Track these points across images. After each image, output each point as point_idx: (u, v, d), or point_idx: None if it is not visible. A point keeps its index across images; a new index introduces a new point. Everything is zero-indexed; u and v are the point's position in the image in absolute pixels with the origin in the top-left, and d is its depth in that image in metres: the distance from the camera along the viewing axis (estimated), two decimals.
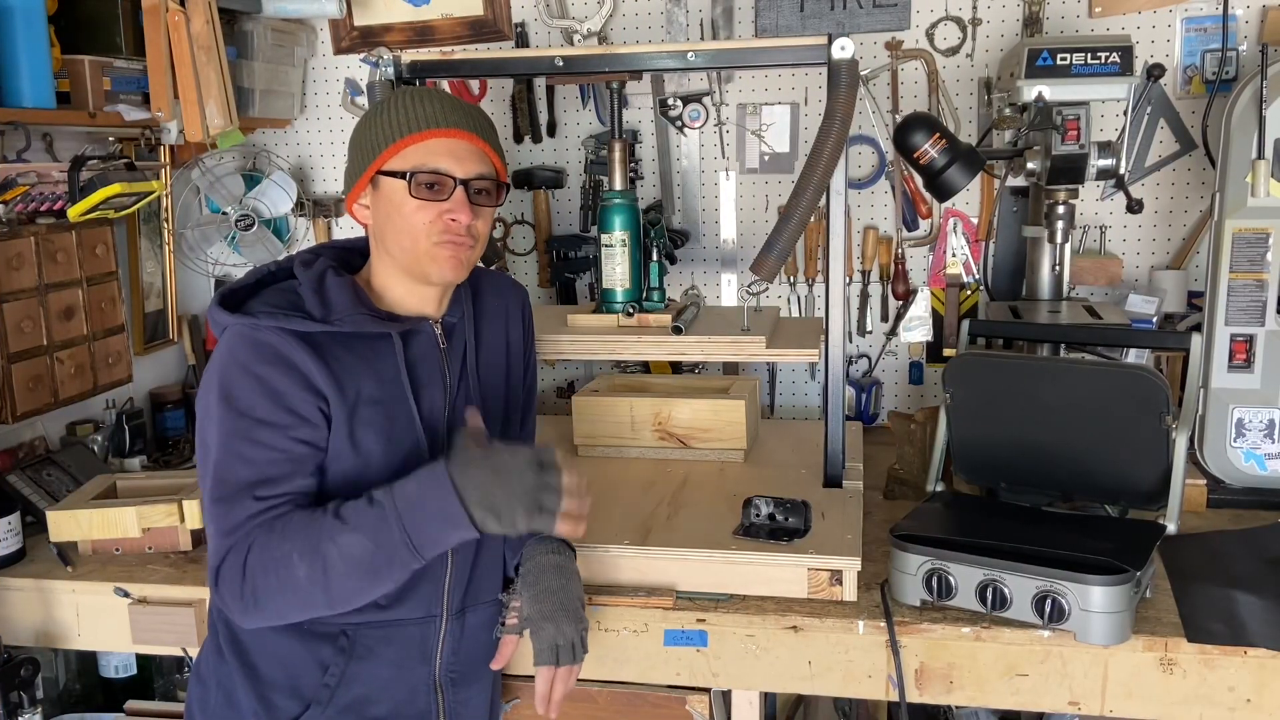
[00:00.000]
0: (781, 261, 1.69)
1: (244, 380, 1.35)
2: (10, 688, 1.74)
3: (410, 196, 1.39)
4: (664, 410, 2.12)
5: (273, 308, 1.39)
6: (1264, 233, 1.92)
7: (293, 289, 1.44)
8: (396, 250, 1.43)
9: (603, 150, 2.59)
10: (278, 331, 1.37)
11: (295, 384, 1.35)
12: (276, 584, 1.31)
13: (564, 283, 2.67)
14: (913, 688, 1.60)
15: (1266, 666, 1.50)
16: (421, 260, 1.41)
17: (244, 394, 1.35)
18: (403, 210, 1.40)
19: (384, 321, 1.43)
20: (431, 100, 1.42)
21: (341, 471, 1.39)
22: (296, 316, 1.38)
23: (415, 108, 1.41)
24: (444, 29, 2.63)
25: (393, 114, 1.42)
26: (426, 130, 1.39)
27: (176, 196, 2.60)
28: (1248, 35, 2.30)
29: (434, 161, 1.39)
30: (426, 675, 1.49)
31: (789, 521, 1.71)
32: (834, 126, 1.67)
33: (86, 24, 2.20)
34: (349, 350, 1.40)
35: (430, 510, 1.28)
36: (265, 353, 1.36)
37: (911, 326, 2.51)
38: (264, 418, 1.34)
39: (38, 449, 2.24)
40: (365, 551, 1.29)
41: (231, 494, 1.34)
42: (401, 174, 1.39)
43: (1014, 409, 1.76)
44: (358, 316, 1.40)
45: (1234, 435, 1.98)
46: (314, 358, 1.36)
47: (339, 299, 1.41)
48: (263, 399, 1.35)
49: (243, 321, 1.37)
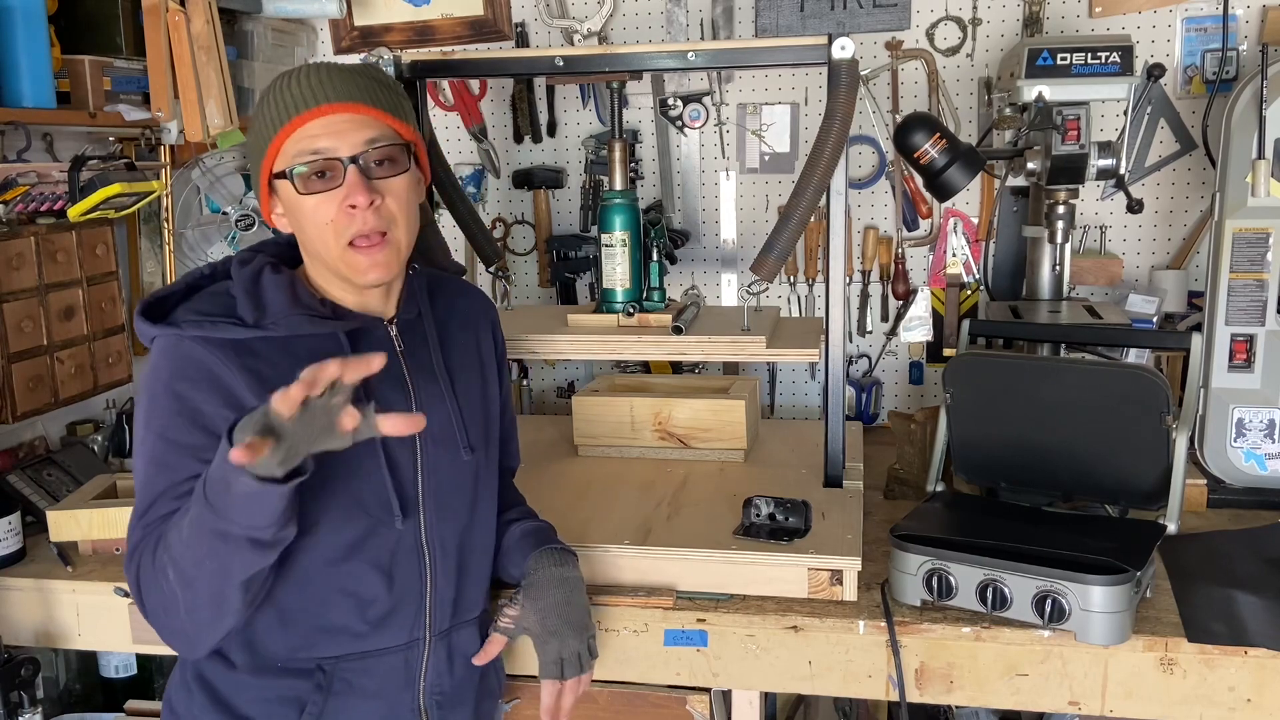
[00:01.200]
0: (781, 261, 1.69)
1: (163, 399, 1.26)
2: (10, 688, 1.73)
3: (300, 194, 1.26)
4: (664, 410, 2.12)
5: (199, 315, 1.27)
6: (1264, 233, 1.92)
7: (226, 291, 1.32)
8: (316, 255, 1.32)
9: (603, 150, 2.59)
10: (202, 342, 1.26)
11: (218, 402, 1.24)
12: (159, 596, 1.24)
13: (564, 283, 2.67)
14: (913, 688, 1.60)
15: (1267, 666, 1.49)
16: (340, 268, 1.30)
17: (160, 413, 1.25)
18: (303, 210, 1.27)
19: (325, 321, 1.31)
20: (302, 80, 1.27)
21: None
22: (225, 323, 1.26)
23: (285, 94, 1.26)
24: (444, 29, 2.63)
25: (264, 110, 1.28)
26: (294, 117, 1.24)
27: (176, 196, 2.59)
28: (1248, 35, 2.30)
29: (312, 146, 1.24)
30: (410, 701, 1.41)
31: (789, 521, 1.71)
32: (834, 126, 1.67)
33: (86, 24, 2.20)
34: (289, 355, 1.27)
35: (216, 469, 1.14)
36: (186, 368, 1.25)
37: (911, 326, 2.51)
38: (176, 439, 1.24)
39: (38, 449, 2.24)
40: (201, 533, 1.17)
41: (137, 518, 1.27)
42: (284, 172, 1.27)
43: (1014, 409, 1.76)
44: (295, 318, 1.28)
45: (1234, 435, 1.97)
46: (242, 370, 1.25)
47: (274, 299, 1.29)
48: (178, 418, 1.24)
49: (165, 333, 1.27)
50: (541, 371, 2.74)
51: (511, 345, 1.93)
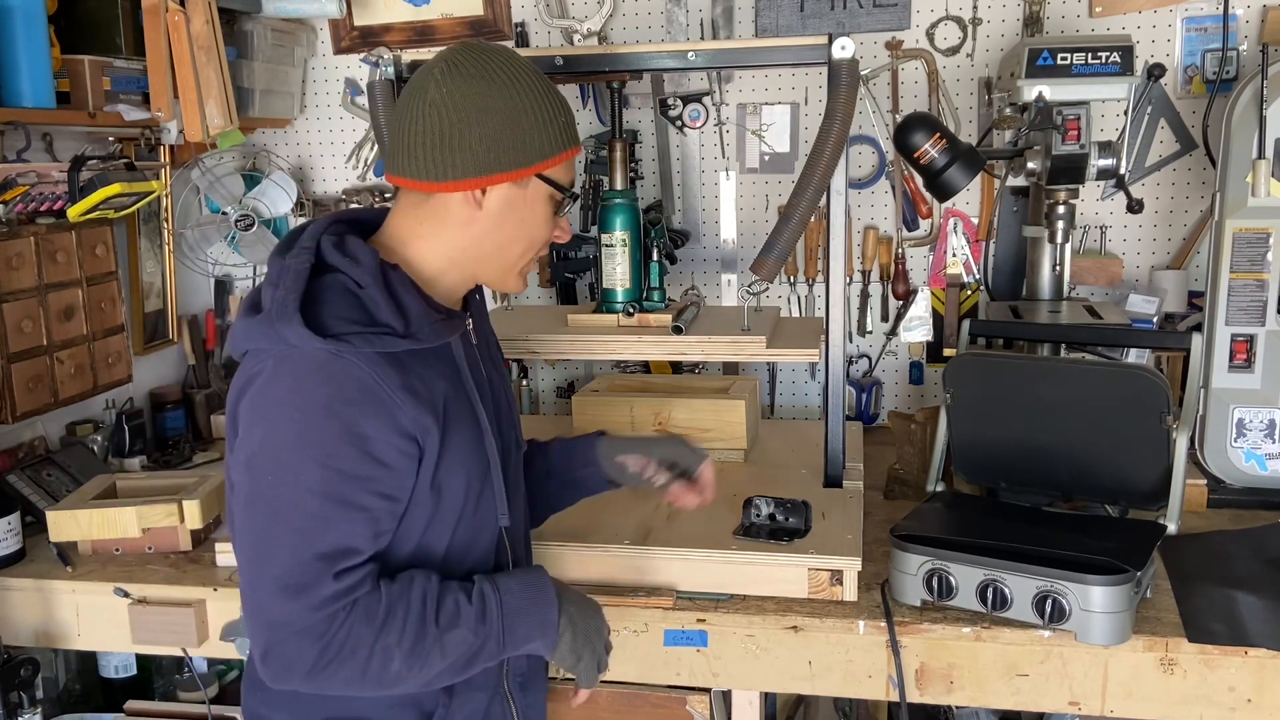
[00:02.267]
0: (782, 261, 1.69)
1: (323, 421, 1.12)
2: (10, 688, 1.73)
3: (550, 207, 1.28)
4: (664, 410, 2.12)
5: (354, 325, 1.14)
6: (1264, 233, 1.92)
7: (351, 291, 1.18)
8: (495, 253, 1.27)
9: (603, 150, 2.58)
10: (361, 357, 1.13)
11: (386, 428, 1.14)
12: (361, 675, 1.16)
13: (564, 283, 2.67)
14: (913, 688, 1.60)
15: (1267, 666, 1.49)
16: (507, 272, 1.30)
17: (321, 439, 1.12)
18: (534, 219, 1.27)
19: (455, 324, 1.26)
20: (565, 104, 1.29)
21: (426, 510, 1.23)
22: (384, 333, 1.14)
23: (566, 113, 1.27)
24: (444, 29, 2.63)
25: (554, 113, 1.25)
26: (578, 144, 1.30)
27: (176, 196, 2.60)
28: (1248, 35, 2.30)
29: (575, 178, 1.33)
30: (500, 687, 1.40)
31: (789, 521, 1.71)
32: (834, 126, 1.67)
33: (86, 24, 2.20)
34: (422, 364, 1.20)
35: (529, 614, 1.26)
36: (347, 389, 1.12)
37: (911, 326, 2.51)
38: (346, 469, 1.12)
39: (38, 449, 2.24)
40: (468, 647, 1.21)
41: (306, 565, 1.12)
42: (562, 186, 1.27)
43: (1014, 409, 1.76)
44: (434, 325, 1.20)
45: (1234, 435, 1.97)
46: (402, 389, 1.15)
47: (412, 304, 1.19)
48: (346, 447, 1.12)
49: (326, 347, 1.12)
50: (541, 371, 2.74)
51: (511, 345, 1.94)
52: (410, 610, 1.18)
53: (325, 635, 1.14)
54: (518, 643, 1.27)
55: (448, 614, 1.20)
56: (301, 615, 1.13)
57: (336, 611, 1.14)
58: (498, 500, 1.34)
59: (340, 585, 1.14)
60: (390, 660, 1.16)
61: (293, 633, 1.13)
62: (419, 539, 1.25)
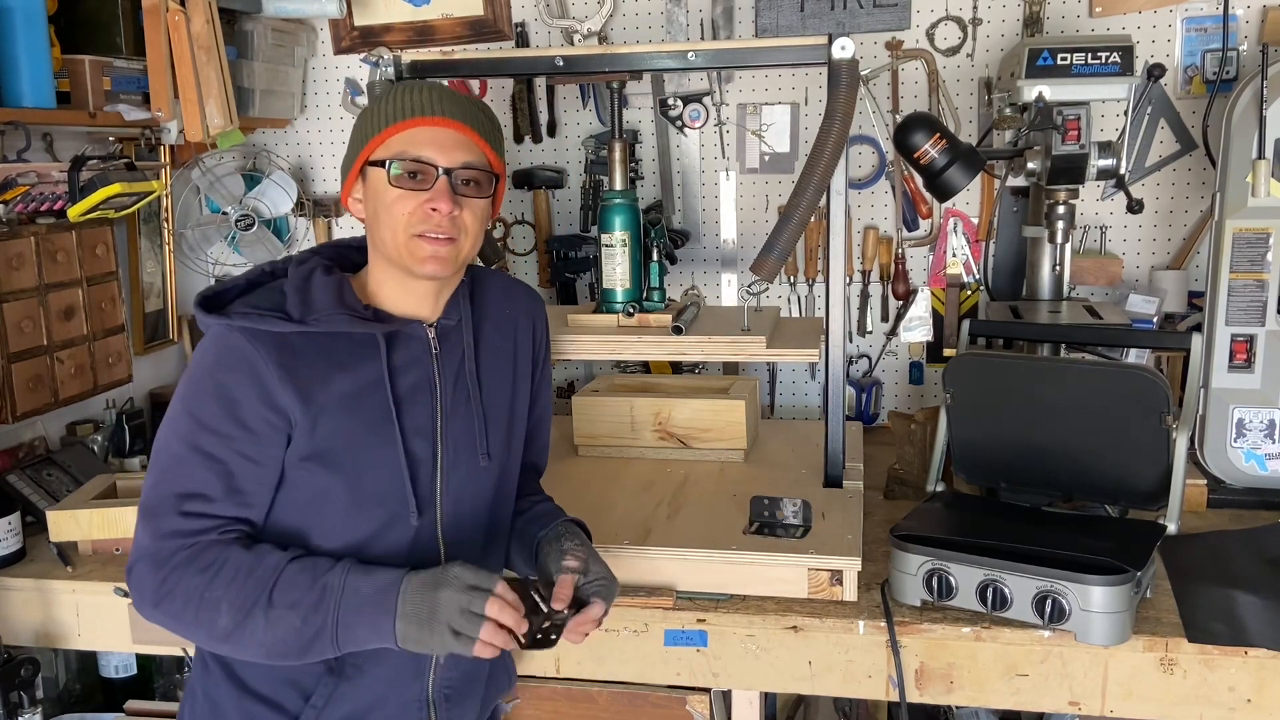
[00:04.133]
0: (782, 262, 1.69)
1: (204, 382, 1.33)
2: (10, 688, 1.74)
3: (390, 185, 1.34)
4: (664, 410, 2.12)
5: (251, 308, 1.34)
6: (1264, 233, 1.92)
7: (280, 288, 1.39)
8: (381, 243, 1.38)
9: (603, 150, 2.59)
10: (248, 334, 1.32)
11: (254, 395, 1.31)
12: (194, 619, 1.28)
13: (564, 283, 2.67)
14: (913, 688, 1.60)
15: (1266, 666, 1.50)
16: (402, 253, 1.36)
17: (198, 396, 1.32)
18: (385, 200, 1.35)
19: (365, 322, 1.37)
20: (424, 91, 1.38)
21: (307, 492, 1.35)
22: (272, 317, 1.33)
23: (405, 98, 1.37)
24: (444, 29, 2.63)
25: (384, 104, 1.38)
26: (411, 119, 1.35)
27: (176, 196, 2.60)
28: (1248, 35, 2.30)
29: (416, 150, 1.34)
30: (419, 692, 1.43)
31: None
32: (834, 126, 1.67)
33: (86, 24, 2.20)
34: (326, 355, 1.35)
35: (368, 619, 1.26)
36: (229, 357, 1.32)
37: (912, 326, 2.51)
38: (209, 423, 1.31)
39: (38, 449, 2.24)
40: (292, 631, 1.27)
41: (161, 499, 1.31)
42: (383, 163, 1.35)
43: (1014, 409, 1.76)
44: (337, 316, 1.34)
45: (1234, 435, 1.97)
46: (278, 366, 1.31)
47: (322, 297, 1.36)
48: (215, 404, 1.31)
49: (217, 322, 1.34)
50: None
51: None
52: (249, 574, 1.28)
53: (165, 566, 1.29)
54: (359, 641, 1.28)
55: (284, 593, 1.27)
56: (149, 541, 1.30)
57: (178, 549, 1.29)
58: (409, 495, 1.38)
59: (185, 525, 1.30)
60: (218, 613, 1.27)
61: (140, 556, 1.31)
62: (300, 518, 1.36)
